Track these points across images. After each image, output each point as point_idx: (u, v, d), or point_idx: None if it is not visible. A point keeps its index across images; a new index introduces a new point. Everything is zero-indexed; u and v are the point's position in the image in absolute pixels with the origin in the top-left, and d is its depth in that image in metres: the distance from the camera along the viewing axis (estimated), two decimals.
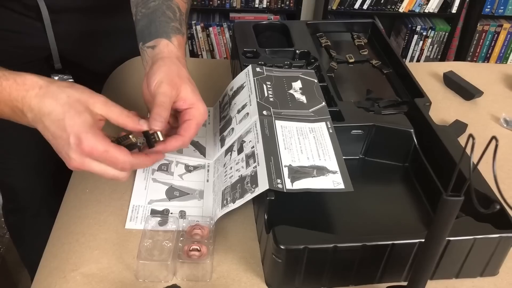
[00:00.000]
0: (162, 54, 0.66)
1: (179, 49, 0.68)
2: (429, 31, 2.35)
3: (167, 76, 0.62)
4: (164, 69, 0.63)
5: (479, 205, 0.36)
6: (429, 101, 0.77)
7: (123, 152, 0.55)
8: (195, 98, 0.63)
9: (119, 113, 0.57)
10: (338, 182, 0.62)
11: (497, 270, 0.61)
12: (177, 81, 0.62)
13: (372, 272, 0.58)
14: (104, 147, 0.54)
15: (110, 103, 0.57)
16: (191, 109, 0.63)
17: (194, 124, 0.63)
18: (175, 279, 0.58)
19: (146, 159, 0.60)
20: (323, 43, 0.96)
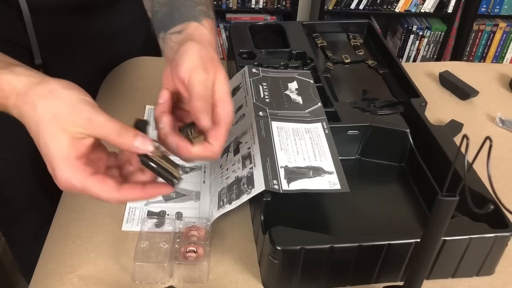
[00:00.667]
0: (192, 37, 0.55)
1: (211, 33, 0.57)
2: (425, 31, 2.36)
3: (200, 61, 0.51)
4: (196, 51, 0.52)
5: (473, 205, 0.36)
6: (425, 101, 0.77)
7: (105, 188, 0.46)
8: (225, 92, 0.52)
9: (108, 133, 0.45)
10: (334, 183, 0.62)
11: (493, 270, 0.61)
12: (212, 68, 0.51)
13: (369, 272, 0.58)
14: (82, 184, 0.45)
15: (96, 119, 0.45)
16: (217, 107, 0.51)
17: (224, 129, 0.51)
18: (171, 280, 0.58)
19: (139, 193, 0.47)
20: (319, 44, 0.96)
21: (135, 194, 0.47)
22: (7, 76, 0.46)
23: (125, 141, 0.46)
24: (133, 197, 0.47)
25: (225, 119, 0.51)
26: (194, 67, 0.50)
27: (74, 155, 0.45)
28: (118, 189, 0.46)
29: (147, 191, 0.47)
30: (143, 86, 0.91)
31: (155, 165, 0.47)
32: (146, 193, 0.47)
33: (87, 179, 0.45)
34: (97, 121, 0.45)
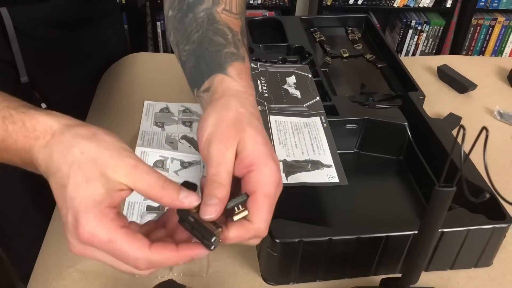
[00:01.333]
0: (216, 95, 0.48)
1: (239, 79, 0.49)
2: (424, 25, 2.36)
3: (216, 131, 0.44)
4: (214, 117, 0.45)
5: (469, 195, 0.36)
6: (423, 95, 0.78)
7: (135, 244, 0.39)
8: (256, 153, 0.43)
9: (152, 184, 0.40)
10: (333, 176, 0.62)
11: (491, 261, 0.62)
12: (232, 133, 0.44)
13: (367, 265, 0.58)
14: (108, 236, 0.38)
15: (141, 167, 0.40)
16: (251, 172, 0.43)
17: (261, 197, 0.42)
18: (171, 274, 0.58)
19: (174, 255, 0.40)
20: (317, 38, 0.96)
21: (169, 254, 0.40)
22: (43, 117, 0.41)
23: (169, 193, 0.40)
24: (166, 258, 0.40)
25: (261, 185, 0.42)
26: (209, 140, 0.44)
27: (106, 203, 0.39)
28: (150, 246, 0.39)
29: (182, 252, 0.40)
30: (142, 81, 0.91)
31: (193, 220, 0.41)
32: (182, 254, 0.40)
33: (116, 231, 0.38)
34: (142, 169, 0.40)
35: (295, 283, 0.58)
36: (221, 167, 0.42)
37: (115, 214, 0.39)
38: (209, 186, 0.42)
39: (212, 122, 0.45)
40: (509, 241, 0.63)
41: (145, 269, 0.40)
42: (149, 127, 0.79)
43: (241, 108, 0.46)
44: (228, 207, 0.42)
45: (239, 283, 0.57)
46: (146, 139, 0.76)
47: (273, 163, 0.43)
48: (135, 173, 0.39)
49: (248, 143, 0.43)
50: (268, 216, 0.42)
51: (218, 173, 0.42)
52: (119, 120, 0.82)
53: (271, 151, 0.44)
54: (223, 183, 0.42)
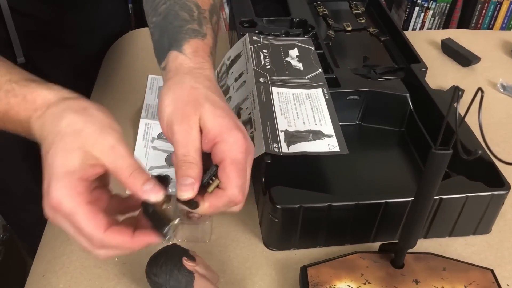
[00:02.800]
0: (170, 73, 0.49)
1: (194, 56, 0.50)
2: (430, 2, 2.33)
3: (175, 111, 0.44)
4: (170, 97, 0.45)
5: (462, 152, 0.37)
6: (425, 67, 0.78)
7: (92, 223, 0.39)
8: (217, 126, 0.43)
9: (122, 168, 0.40)
10: (334, 145, 0.63)
11: (490, 228, 0.63)
12: (190, 111, 0.44)
13: (367, 231, 0.60)
14: (71, 208, 0.39)
15: (118, 150, 0.40)
16: (217, 144, 0.43)
17: (229, 164, 0.43)
18: (175, 240, 0.59)
19: (127, 241, 0.41)
20: (321, 12, 0.96)
21: (122, 240, 0.41)
22: (43, 91, 0.43)
23: (135, 182, 0.40)
24: (119, 243, 0.41)
25: (227, 152, 0.43)
26: (171, 121, 0.44)
27: (78, 175, 0.39)
28: (105, 230, 0.40)
29: (136, 238, 0.41)
30: (146, 56, 0.92)
31: (153, 212, 0.41)
32: (135, 240, 0.41)
33: (79, 205, 0.39)
34: (119, 152, 0.40)
35: (295, 248, 0.59)
36: (189, 147, 0.43)
37: (84, 187, 0.40)
38: (181, 167, 0.42)
39: (169, 102, 0.45)
40: (507, 209, 0.64)
41: (98, 249, 0.41)
42: (153, 100, 0.80)
43: (196, 83, 0.46)
44: (203, 183, 0.43)
45: (241, 249, 0.59)
46: (150, 112, 0.77)
47: (236, 132, 0.44)
48: (111, 154, 0.40)
49: (208, 118, 0.44)
50: (239, 181, 0.43)
51: (187, 152, 0.43)
52: (124, 93, 0.83)
53: (233, 120, 0.45)
54: (194, 161, 0.42)
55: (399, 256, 0.54)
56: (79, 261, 0.57)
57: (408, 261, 0.55)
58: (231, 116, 0.45)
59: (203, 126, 0.44)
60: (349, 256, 0.55)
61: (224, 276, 0.56)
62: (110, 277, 0.55)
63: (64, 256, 0.58)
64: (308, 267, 0.54)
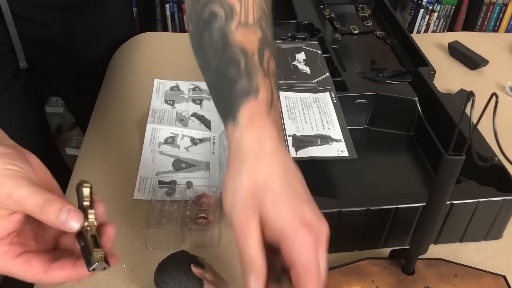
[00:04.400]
0: (231, 150, 0.45)
1: (251, 127, 0.45)
2: (435, 4, 2.32)
3: (235, 203, 0.42)
4: (230, 188, 0.43)
5: (477, 158, 0.36)
6: (434, 70, 0.77)
7: (30, 273, 0.39)
8: (281, 223, 0.40)
9: (31, 208, 0.38)
10: (342, 150, 0.62)
11: (501, 234, 0.62)
12: (250, 208, 0.41)
13: (377, 237, 0.59)
14: (6, 269, 0.39)
15: (16, 194, 0.38)
16: (282, 244, 0.41)
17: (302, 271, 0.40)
18: (183, 246, 0.59)
19: (70, 274, 0.40)
20: (327, 15, 0.96)
21: (65, 274, 0.40)
22: None
23: (49, 217, 0.38)
24: (63, 278, 0.40)
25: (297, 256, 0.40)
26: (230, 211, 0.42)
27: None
28: (45, 271, 0.39)
29: (79, 270, 0.40)
30: (152, 60, 0.91)
31: (82, 239, 0.40)
32: (79, 272, 0.40)
33: (10, 263, 0.39)
34: (17, 197, 0.37)
35: None
36: (248, 241, 0.41)
37: (8, 245, 0.39)
38: (244, 269, 0.41)
39: (230, 192, 0.43)
40: None
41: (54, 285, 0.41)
42: (160, 105, 0.80)
43: (253, 173, 0.43)
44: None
45: None
46: (156, 116, 0.77)
47: (303, 230, 0.40)
48: (11, 202, 0.38)
49: (270, 212, 0.41)
50: (314, 283, 0.40)
51: (247, 248, 0.41)
52: (130, 98, 0.82)
53: (298, 214, 0.41)
54: (256, 268, 0.41)
55: (410, 262, 0.53)
56: None
57: (419, 267, 0.54)
58: (297, 207, 0.42)
59: (266, 221, 0.41)
60: (359, 262, 0.55)
61: (233, 282, 0.55)
62: (118, 284, 0.55)
63: None
64: None
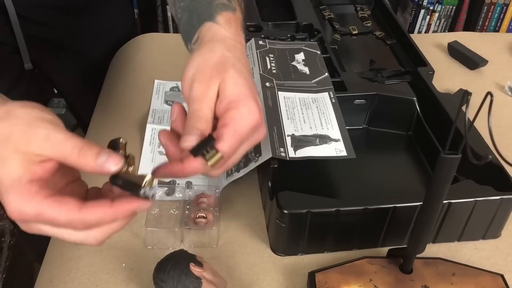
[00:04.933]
0: (203, 41, 0.48)
1: (228, 27, 0.49)
2: (436, 5, 2.32)
3: (199, 70, 0.44)
4: (197, 61, 0.45)
5: (472, 157, 0.36)
6: (432, 70, 0.77)
7: (64, 208, 0.37)
8: (236, 94, 0.42)
9: (68, 153, 0.38)
10: (341, 150, 0.62)
11: (499, 233, 0.62)
12: (214, 73, 0.43)
13: (375, 236, 0.59)
14: (35, 210, 0.37)
15: (53, 136, 0.38)
16: (229, 110, 0.42)
17: (231, 131, 0.41)
18: (182, 245, 0.59)
19: (108, 211, 0.38)
20: (327, 16, 0.96)
21: (102, 211, 0.38)
22: None
23: (86, 160, 0.37)
24: (100, 216, 0.38)
25: (235, 120, 0.41)
26: (192, 80, 0.44)
27: (26, 178, 0.37)
28: (80, 208, 0.37)
29: (117, 207, 0.38)
30: (152, 61, 0.92)
31: (121, 183, 0.39)
32: (117, 210, 0.38)
33: (41, 202, 0.37)
34: (55, 139, 0.37)
35: (303, 254, 0.59)
36: (203, 104, 0.42)
37: (39, 187, 0.38)
38: (191, 120, 0.42)
39: (195, 64, 0.45)
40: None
41: (86, 232, 0.39)
42: (160, 105, 0.80)
43: (227, 52, 0.45)
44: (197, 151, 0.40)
45: (248, 254, 0.59)
46: (156, 117, 0.77)
47: (253, 104, 0.42)
48: (48, 145, 0.37)
49: (229, 84, 0.43)
50: (232, 148, 0.41)
51: (200, 109, 0.42)
52: (130, 98, 0.83)
53: (253, 93, 0.43)
54: (204, 117, 0.42)
55: (407, 261, 0.54)
56: (87, 267, 0.57)
57: (417, 266, 0.54)
58: (252, 89, 0.44)
59: (221, 90, 0.43)
60: (357, 261, 0.55)
61: (232, 281, 0.56)
62: (118, 283, 0.55)
63: (72, 262, 0.58)
64: (316, 273, 0.54)
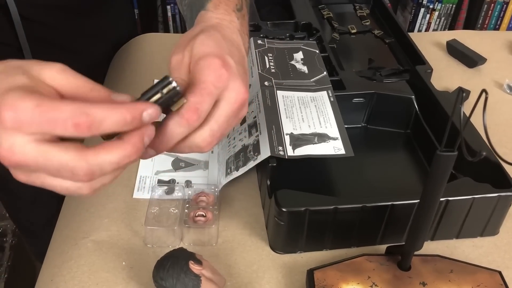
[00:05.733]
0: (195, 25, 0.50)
1: (215, 9, 0.51)
2: (436, 4, 2.32)
3: (177, 45, 0.46)
4: (181, 41, 0.46)
5: (467, 154, 0.37)
6: (431, 68, 0.78)
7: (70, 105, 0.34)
8: (200, 53, 0.42)
9: (80, 85, 0.36)
10: (339, 148, 0.63)
11: (497, 230, 0.62)
12: (187, 42, 0.44)
13: (373, 234, 0.60)
14: (35, 101, 0.32)
15: (69, 71, 0.37)
16: (198, 64, 0.42)
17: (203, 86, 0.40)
18: (182, 244, 0.60)
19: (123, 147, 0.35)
20: (325, 15, 0.96)
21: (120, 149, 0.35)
22: None
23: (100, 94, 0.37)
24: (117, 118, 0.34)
25: (206, 73, 0.40)
26: (170, 56, 0.45)
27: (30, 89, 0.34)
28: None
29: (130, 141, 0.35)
30: (153, 61, 0.92)
31: None
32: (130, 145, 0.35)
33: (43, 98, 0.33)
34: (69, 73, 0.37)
35: (302, 251, 0.59)
36: (180, 71, 0.43)
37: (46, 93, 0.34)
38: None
39: (178, 44, 0.45)
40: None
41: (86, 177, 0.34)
42: None
43: (205, 27, 0.47)
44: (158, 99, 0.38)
45: (247, 252, 0.59)
46: None
47: (214, 59, 0.41)
48: (62, 76, 0.36)
49: (196, 45, 0.43)
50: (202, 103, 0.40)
51: (178, 76, 0.42)
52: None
53: (219, 51, 0.43)
54: (182, 82, 0.41)
55: (406, 258, 0.54)
56: (87, 266, 0.57)
57: (415, 264, 0.55)
58: (221, 49, 0.43)
59: (191, 53, 0.43)
60: (355, 259, 0.55)
61: (231, 279, 0.56)
62: (118, 281, 0.56)
63: (72, 260, 0.58)
64: (315, 270, 0.54)
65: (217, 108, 0.42)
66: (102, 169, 0.35)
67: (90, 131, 0.33)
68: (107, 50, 0.97)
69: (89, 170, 0.34)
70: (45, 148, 0.34)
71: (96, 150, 0.35)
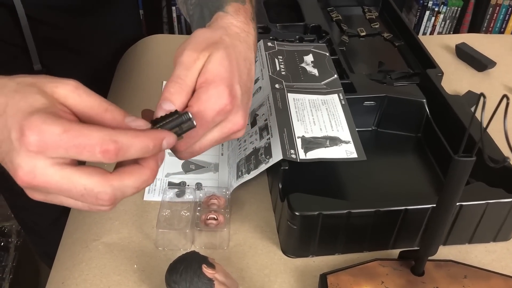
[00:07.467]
0: (212, 24, 0.49)
1: (236, 15, 0.49)
2: (441, 6, 2.32)
3: (194, 39, 0.44)
4: (195, 34, 0.45)
5: (489, 160, 0.36)
6: (441, 72, 0.77)
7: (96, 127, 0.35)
8: (213, 73, 0.42)
9: (95, 106, 0.36)
10: (351, 152, 0.62)
11: (510, 235, 0.62)
12: (207, 46, 0.43)
13: (386, 238, 0.59)
14: (62, 127, 0.33)
15: (83, 90, 0.36)
16: (200, 89, 0.41)
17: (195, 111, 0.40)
18: (193, 247, 0.59)
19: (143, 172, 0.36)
20: (334, 18, 0.96)
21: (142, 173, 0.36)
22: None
23: (114, 115, 0.37)
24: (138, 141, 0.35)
25: (201, 102, 0.40)
26: (184, 47, 0.43)
27: (51, 110, 0.34)
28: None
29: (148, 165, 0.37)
30: (160, 62, 0.92)
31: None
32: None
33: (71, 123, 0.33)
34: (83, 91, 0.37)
35: (314, 256, 0.59)
36: (189, 71, 0.41)
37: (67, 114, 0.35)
38: (170, 86, 0.41)
39: (192, 38, 0.44)
40: None
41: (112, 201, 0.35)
42: None
43: (227, 36, 0.45)
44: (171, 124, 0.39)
45: (259, 256, 0.59)
46: None
47: (224, 89, 0.41)
48: (75, 94, 0.36)
49: (213, 60, 0.42)
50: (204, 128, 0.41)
51: (184, 76, 0.41)
52: (138, 100, 0.83)
53: (231, 78, 0.42)
54: (185, 88, 0.41)
55: (419, 263, 0.54)
56: (98, 268, 0.57)
57: (429, 269, 0.54)
58: (234, 75, 0.43)
59: (206, 64, 0.42)
60: (368, 264, 0.55)
61: (243, 283, 0.56)
62: (130, 284, 0.55)
63: (83, 263, 0.58)
64: (328, 275, 0.54)
65: (208, 132, 0.43)
66: (124, 193, 0.36)
67: (117, 158, 0.34)
68: (113, 51, 0.97)
69: (113, 196, 0.35)
70: (68, 173, 0.34)
71: (119, 175, 0.35)
